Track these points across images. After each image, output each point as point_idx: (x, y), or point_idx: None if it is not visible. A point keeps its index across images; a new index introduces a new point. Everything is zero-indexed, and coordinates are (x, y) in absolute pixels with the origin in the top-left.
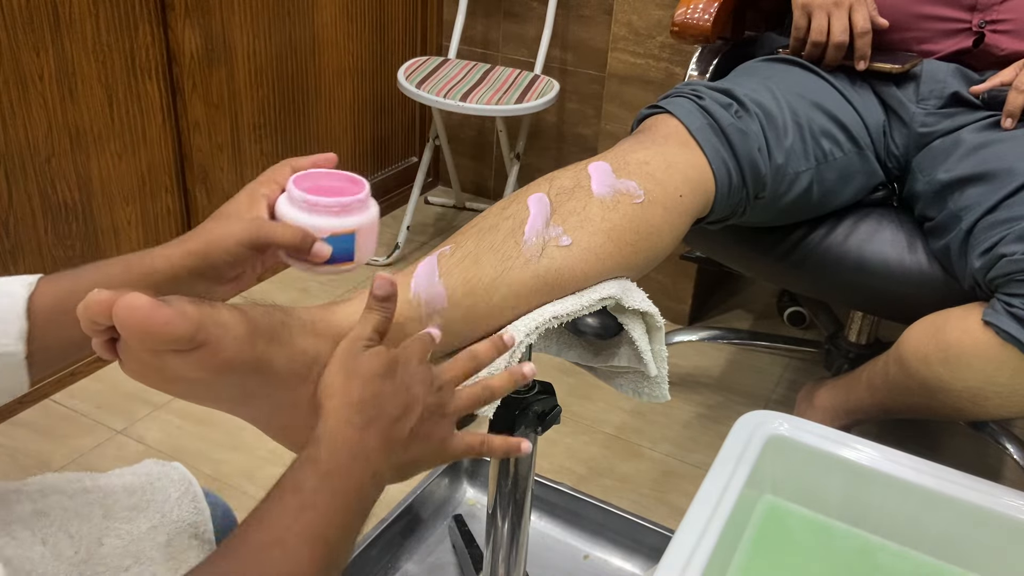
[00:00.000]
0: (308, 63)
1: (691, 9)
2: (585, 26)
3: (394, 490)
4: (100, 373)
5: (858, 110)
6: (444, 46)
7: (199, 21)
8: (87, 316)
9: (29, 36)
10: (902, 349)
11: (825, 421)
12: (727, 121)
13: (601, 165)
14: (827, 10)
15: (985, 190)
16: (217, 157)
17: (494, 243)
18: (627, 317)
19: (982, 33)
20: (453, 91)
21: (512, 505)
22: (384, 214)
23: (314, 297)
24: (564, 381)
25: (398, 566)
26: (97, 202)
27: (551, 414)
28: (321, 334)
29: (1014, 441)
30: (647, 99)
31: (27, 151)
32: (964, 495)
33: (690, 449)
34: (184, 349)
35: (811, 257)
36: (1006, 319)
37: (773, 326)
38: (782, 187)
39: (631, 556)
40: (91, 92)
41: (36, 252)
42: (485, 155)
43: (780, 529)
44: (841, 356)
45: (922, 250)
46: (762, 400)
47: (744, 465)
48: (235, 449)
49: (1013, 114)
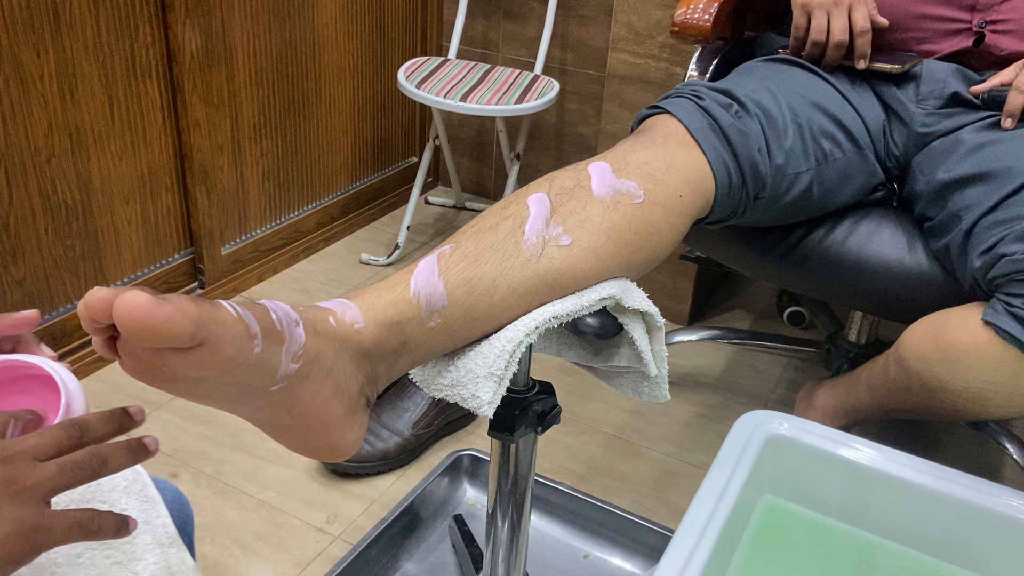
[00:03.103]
0: (308, 63)
1: (691, 9)
2: (585, 26)
3: (394, 490)
4: (100, 373)
5: (858, 110)
6: (444, 46)
7: (199, 21)
8: (87, 314)
9: (29, 36)
10: (902, 349)
11: (825, 421)
12: (727, 121)
13: (601, 165)
14: (827, 9)
15: (985, 190)
16: (217, 157)
17: (494, 243)
18: (627, 317)
19: (982, 33)
20: (453, 91)
21: (512, 505)
22: (384, 214)
23: (314, 298)
24: (564, 381)
25: (398, 566)
26: (97, 202)
27: (551, 414)
28: (321, 333)
29: (1014, 441)
30: (647, 99)
31: (27, 151)
32: (964, 495)
33: (690, 449)
34: (184, 347)
35: (811, 257)
36: (1006, 319)
37: (773, 326)
38: (782, 187)
39: (631, 556)
40: (91, 92)
41: (36, 252)
42: (485, 155)
43: (780, 529)
44: (841, 356)
45: (922, 250)
46: (762, 400)
47: (744, 465)
48: (235, 449)
49: (1013, 114)
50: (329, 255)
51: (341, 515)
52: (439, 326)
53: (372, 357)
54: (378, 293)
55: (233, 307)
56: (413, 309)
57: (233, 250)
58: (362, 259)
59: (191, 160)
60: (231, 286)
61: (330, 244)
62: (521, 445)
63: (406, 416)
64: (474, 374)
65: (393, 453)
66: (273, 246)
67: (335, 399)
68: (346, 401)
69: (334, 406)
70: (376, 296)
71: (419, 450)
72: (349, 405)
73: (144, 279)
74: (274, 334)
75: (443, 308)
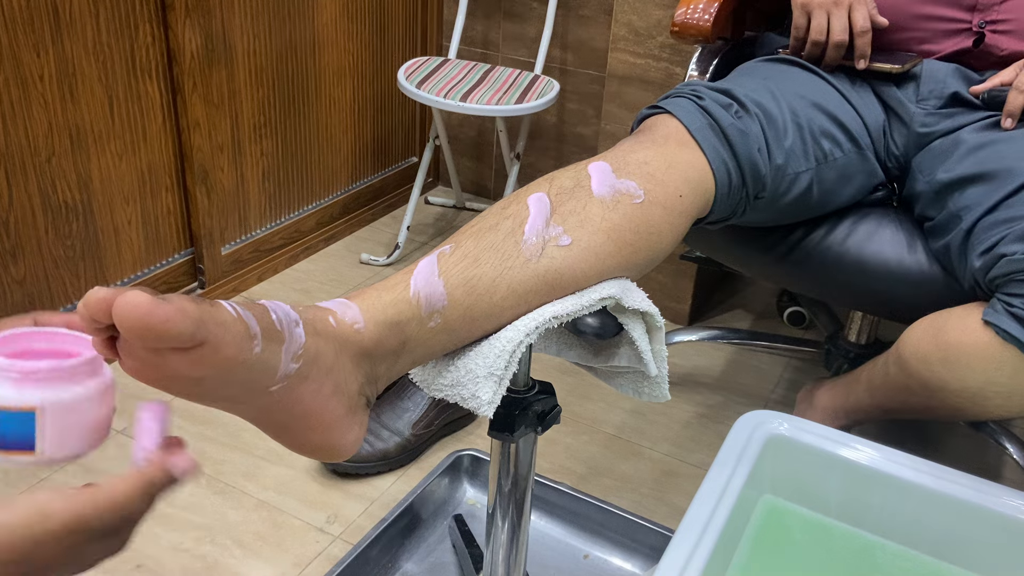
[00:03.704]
0: (308, 63)
1: (691, 9)
2: (585, 26)
3: (394, 490)
4: None
5: (858, 110)
6: (444, 46)
7: (199, 21)
8: (87, 314)
9: (29, 36)
10: (902, 349)
11: (825, 421)
12: (727, 121)
13: (601, 165)
14: (827, 9)
15: (985, 190)
16: (217, 157)
17: (494, 242)
18: (627, 317)
19: (982, 33)
20: (453, 91)
21: (512, 505)
22: (384, 214)
23: (314, 298)
24: (564, 381)
25: (398, 566)
26: (97, 202)
27: (551, 414)
28: (321, 333)
29: (1014, 441)
30: (647, 99)
31: (27, 151)
32: (964, 495)
33: (690, 449)
34: (184, 347)
35: (811, 257)
36: (1006, 319)
37: (773, 326)
38: (782, 187)
39: (631, 556)
40: (91, 92)
41: (36, 252)
42: (485, 155)
43: (780, 529)
44: (841, 356)
45: (922, 250)
46: (762, 400)
47: (744, 465)
48: (235, 449)
49: (1013, 114)
50: (329, 255)
51: (341, 515)
52: (439, 326)
53: (372, 357)
54: (378, 293)
55: (233, 307)
56: (413, 309)
57: (233, 250)
58: (362, 259)
59: (191, 160)
60: (231, 286)
61: (330, 244)
62: (521, 445)
63: (406, 416)
64: (474, 374)
65: (393, 453)
66: (273, 246)
67: (335, 399)
68: (346, 401)
69: (334, 406)
70: (376, 296)
71: (419, 450)
72: (349, 405)
73: (144, 279)
74: (274, 334)
75: (443, 308)
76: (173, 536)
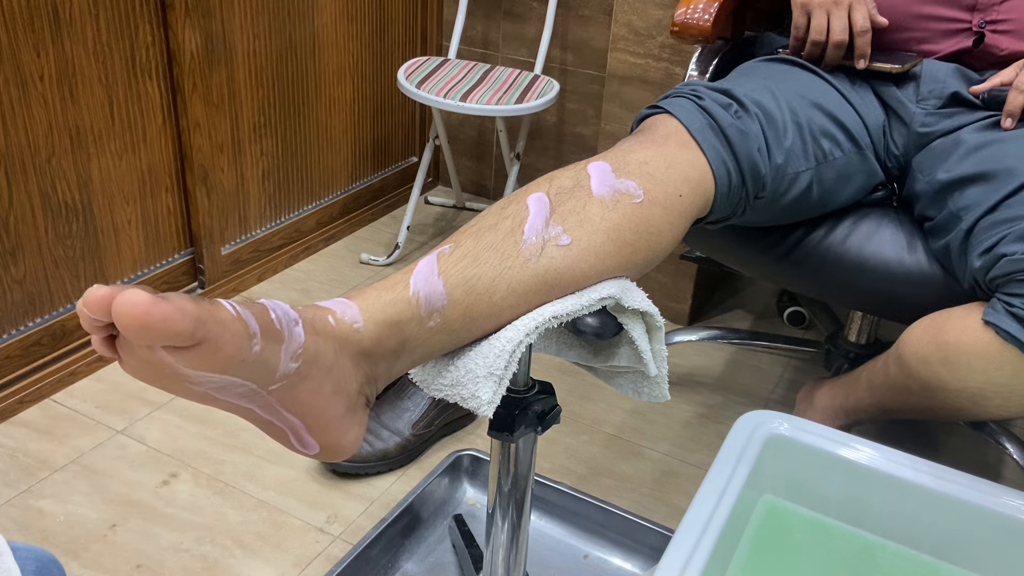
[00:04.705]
0: (308, 63)
1: (691, 9)
2: (585, 26)
3: (394, 490)
4: (100, 373)
5: (858, 110)
6: (444, 46)
7: (199, 21)
8: (87, 312)
9: (29, 36)
10: (902, 349)
11: (825, 421)
12: (727, 121)
13: (601, 165)
14: (826, 9)
15: (985, 190)
16: (217, 157)
17: (493, 242)
18: (627, 317)
19: (982, 33)
20: (453, 91)
21: (512, 505)
22: (384, 214)
23: (314, 297)
24: (564, 381)
25: (398, 566)
26: (97, 202)
27: (551, 414)
28: (321, 332)
29: (1014, 441)
30: (647, 99)
31: (27, 151)
32: (964, 495)
33: (690, 449)
34: (183, 346)
35: (811, 257)
36: (1006, 319)
37: (773, 326)
38: (782, 187)
39: (631, 556)
40: (91, 92)
41: (36, 252)
42: (485, 155)
43: (780, 529)
44: (841, 356)
45: (922, 250)
46: (762, 400)
47: (744, 465)
48: (235, 449)
49: (1013, 114)
50: (329, 255)
51: (341, 515)
52: (438, 326)
53: (371, 356)
54: (377, 293)
55: (232, 306)
56: (412, 309)
57: (233, 250)
58: (362, 259)
59: (191, 160)
60: (231, 286)
61: (330, 244)
62: (521, 445)
63: (406, 416)
64: (474, 374)
65: (393, 453)
66: (273, 246)
67: (334, 398)
68: (345, 400)
69: (334, 405)
70: (376, 296)
71: (419, 450)
72: (348, 404)
73: (144, 279)
74: (273, 333)
75: (442, 308)
76: (173, 536)
